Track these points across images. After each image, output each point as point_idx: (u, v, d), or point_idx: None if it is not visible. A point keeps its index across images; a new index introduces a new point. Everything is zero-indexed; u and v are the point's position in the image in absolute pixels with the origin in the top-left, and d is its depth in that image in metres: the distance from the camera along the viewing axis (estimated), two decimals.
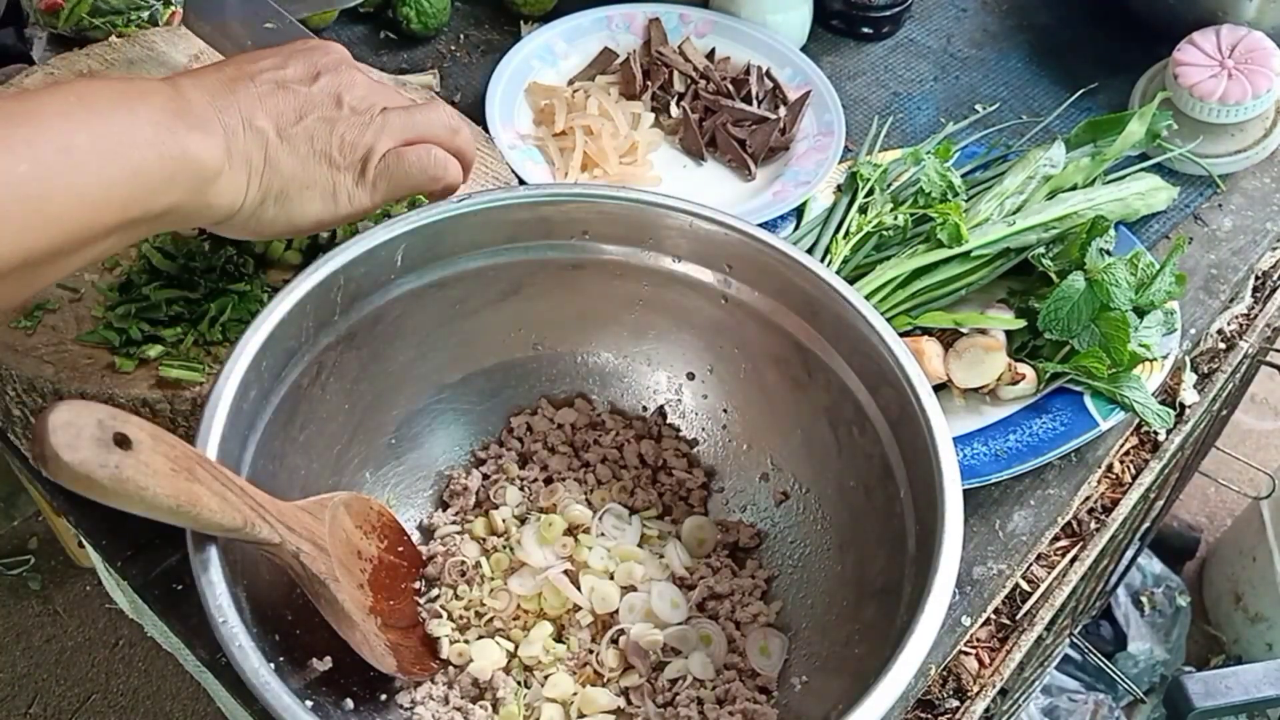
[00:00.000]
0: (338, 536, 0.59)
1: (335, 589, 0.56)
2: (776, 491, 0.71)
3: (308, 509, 0.57)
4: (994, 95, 0.99)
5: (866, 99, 0.99)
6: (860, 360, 0.64)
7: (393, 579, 0.65)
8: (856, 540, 0.66)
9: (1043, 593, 0.75)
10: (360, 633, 0.58)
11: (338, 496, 0.61)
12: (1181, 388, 0.83)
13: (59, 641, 1.76)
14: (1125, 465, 0.80)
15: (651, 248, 0.69)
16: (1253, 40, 0.90)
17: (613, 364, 0.74)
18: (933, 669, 0.70)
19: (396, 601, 0.64)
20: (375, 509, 0.65)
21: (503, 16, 1.04)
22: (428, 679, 0.64)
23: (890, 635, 0.54)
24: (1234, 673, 1.25)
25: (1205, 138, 0.90)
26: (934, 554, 0.55)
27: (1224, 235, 0.90)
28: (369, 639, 0.59)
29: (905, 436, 0.61)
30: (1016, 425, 0.75)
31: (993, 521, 0.74)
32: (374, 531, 0.64)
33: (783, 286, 0.66)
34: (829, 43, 1.03)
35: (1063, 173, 0.85)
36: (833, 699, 0.57)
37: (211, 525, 0.49)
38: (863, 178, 0.85)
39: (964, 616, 0.71)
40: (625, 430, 0.74)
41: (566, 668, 0.65)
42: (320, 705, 0.57)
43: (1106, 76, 0.98)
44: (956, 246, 0.79)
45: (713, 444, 0.74)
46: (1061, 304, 0.75)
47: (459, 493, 0.72)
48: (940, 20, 1.06)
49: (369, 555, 0.63)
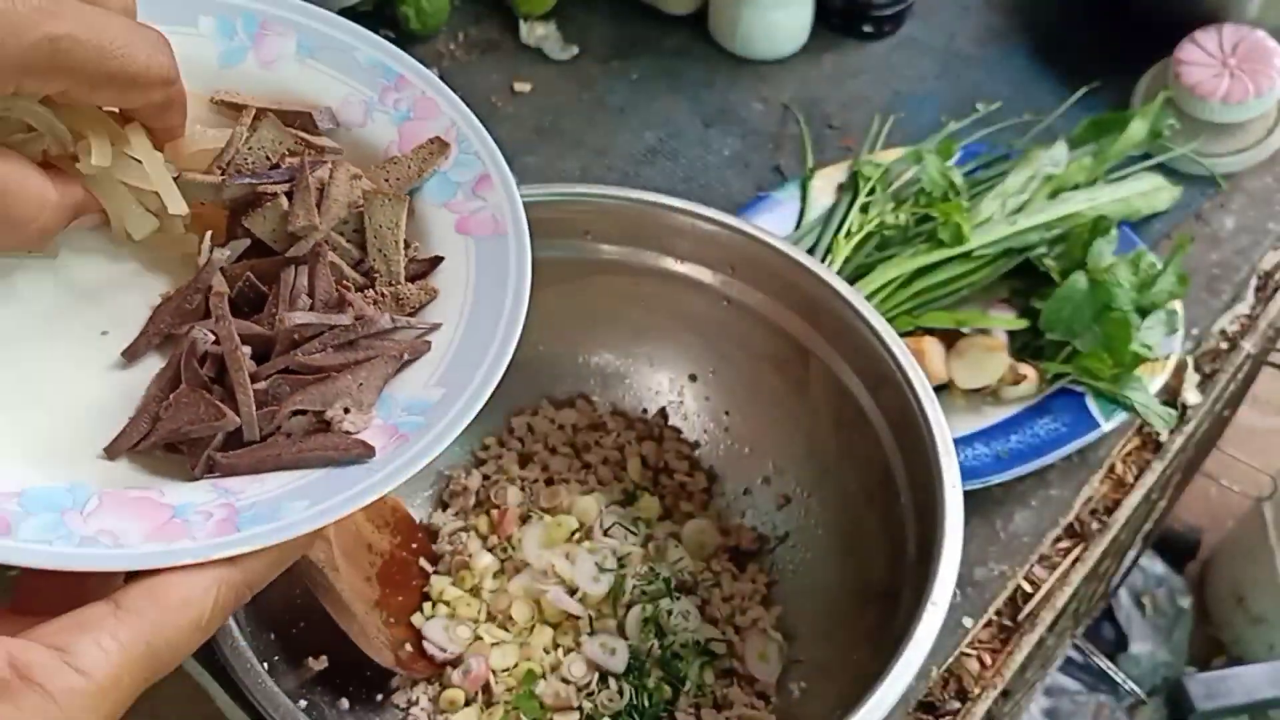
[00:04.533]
0: (345, 527, 0.59)
1: (334, 578, 0.56)
2: (778, 495, 0.71)
3: None
4: (996, 94, 0.98)
5: (868, 97, 0.99)
6: (862, 362, 0.64)
7: (404, 575, 0.65)
8: (857, 543, 0.66)
9: (1045, 594, 0.74)
10: (358, 624, 0.58)
11: None
12: (1184, 388, 0.83)
13: None
14: (1127, 466, 0.80)
15: (654, 248, 0.69)
16: (1255, 39, 0.90)
17: (614, 365, 0.74)
18: (934, 670, 0.70)
19: (405, 598, 0.64)
20: (390, 504, 0.65)
21: (503, 16, 1.04)
22: (425, 678, 0.64)
23: (890, 638, 0.54)
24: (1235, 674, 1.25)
25: (1207, 137, 0.90)
26: (934, 557, 0.55)
27: (1226, 235, 0.89)
28: (367, 631, 0.59)
29: (906, 439, 0.61)
30: (1018, 426, 0.75)
31: (994, 522, 0.74)
32: (386, 526, 0.64)
33: (784, 288, 0.66)
34: (830, 41, 1.03)
35: (1065, 172, 0.85)
36: (832, 705, 0.57)
37: None
38: (864, 177, 0.85)
39: (965, 618, 0.71)
40: (627, 431, 0.74)
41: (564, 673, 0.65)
42: (315, 705, 0.57)
43: (1109, 75, 0.98)
44: (958, 246, 0.79)
45: (714, 446, 0.74)
46: (1064, 304, 0.75)
47: (459, 493, 0.71)
48: (942, 19, 1.06)
49: (380, 549, 0.63)
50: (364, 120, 0.51)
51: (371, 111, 0.51)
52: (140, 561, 0.36)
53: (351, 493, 0.41)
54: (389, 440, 0.43)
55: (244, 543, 0.38)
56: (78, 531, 0.38)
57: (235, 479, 0.42)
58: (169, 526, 0.39)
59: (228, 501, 0.40)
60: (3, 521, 0.37)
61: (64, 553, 0.36)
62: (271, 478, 0.42)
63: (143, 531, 0.38)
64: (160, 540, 0.38)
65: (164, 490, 0.41)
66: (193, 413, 0.43)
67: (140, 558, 0.37)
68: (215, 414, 0.42)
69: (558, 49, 1.01)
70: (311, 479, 0.42)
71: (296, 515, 0.40)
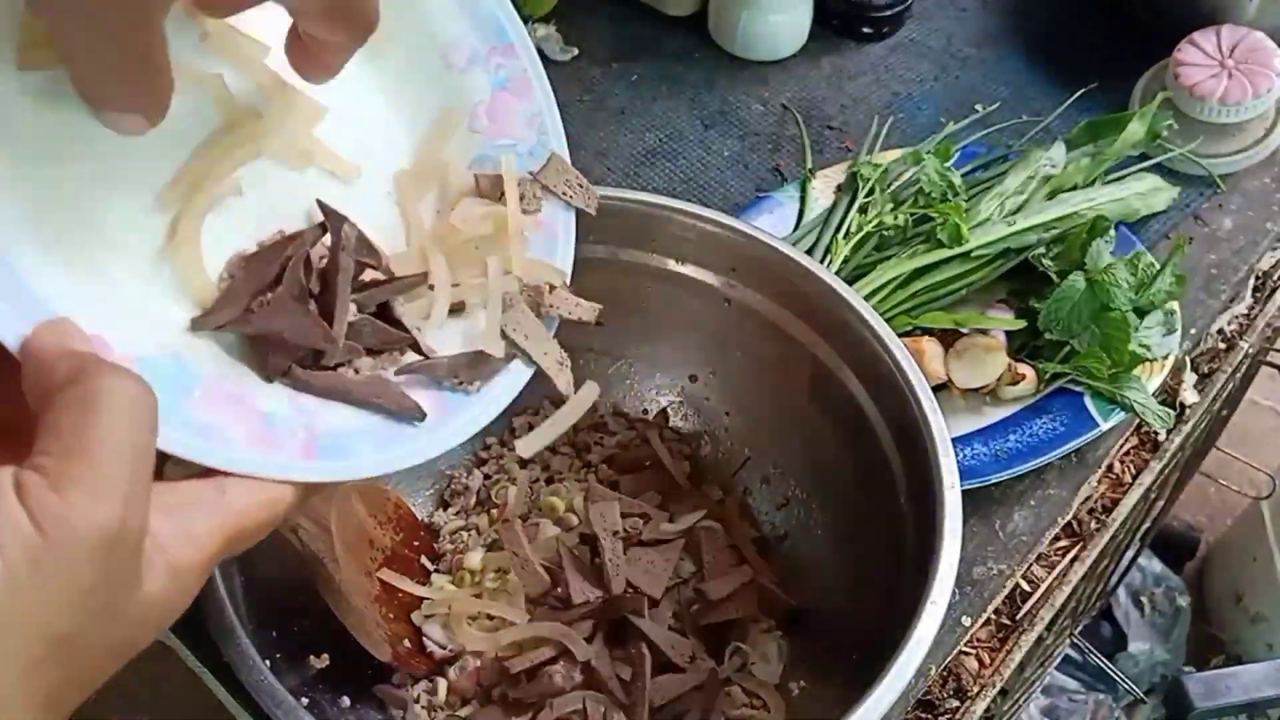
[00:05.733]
0: (347, 522, 0.59)
1: (333, 569, 0.56)
2: (778, 495, 0.71)
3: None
4: (994, 95, 0.99)
5: (867, 99, 0.99)
6: (861, 362, 0.64)
7: (406, 572, 0.65)
8: (856, 543, 0.66)
9: (1043, 593, 0.75)
10: (356, 617, 0.58)
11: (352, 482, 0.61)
12: (1182, 388, 0.83)
13: None
14: (1125, 465, 0.80)
15: (654, 250, 0.69)
16: (1253, 40, 0.90)
17: (615, 365, 0.74)
18: (933, 669, 0.70)
19: (405, 595, 0.65)
20: (392, 501, 0.65)
21: None
22: (424, 675, 0.64)
23: (889, 638, 0.54)
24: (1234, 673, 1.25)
25: (1205, 137, 0.90)
26: (933, 556, 0.55)
27: (1224, 235, 0.90)
28: (366, 625, 0.59)
29: (905, 439, 0.61)
30: (1017, 425, 0.75)
31: (993, 522, 0.74)
32: (389, 523, 0.64)
33: (784, 289, 0.67)
34: (829, 43, 1.03)
35: (1063, 173, 0.85)
36: (831, 704, 0.57)
37: None
38: (863, 178, 0.85)
39: (964, 617, 0.71)
40: (628, 432, 0.74)
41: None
42: (316, 703, 0.57)
43: (1107, 76, 0.98)
44: (957, 246, 0.79)
45: (715, 447, 0.74)
46: (1062, 304, 0.75)
47: (460, 492, 0.72)
48: (940, 20, 1.06)
49: (382, 545, 0.63)
50: (465, 66, 0.51)
51: (474, 62, 0.51)
52: (244, 466, 0.39)
53: (407, 450, 0.44)
54: (437, 408, 0.46)
55: (326, 472, 0.41)
56: (194, 420, 0.39)
57: (308, 398, 0.43)
58: (266, 436, 0.41)
59: (309, 424, 0.42)
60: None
61: (184, 440, 0.38)
62: (337, 410, 0.44)
63: (243, 436, 0.40)
64: (259, 447, 0.40)
65: (253, 392, 0.42)
66: (294, 321, 0.43)
67: (245, 463, 0.39)
68: (322, 334, 0.44)
69: (558, 50, 1.01)
70: (369, 425, 0.44)
71: (365, 458, 0.43)
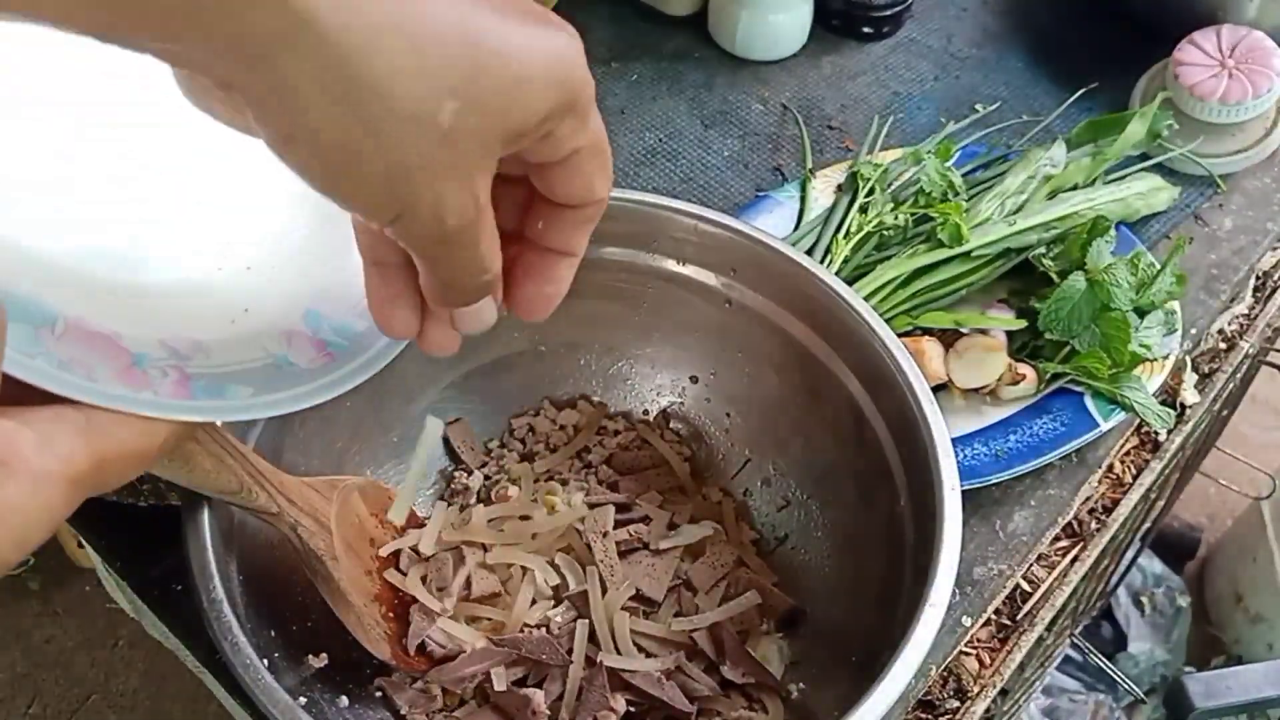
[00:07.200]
0: (347, 519, 0.59)
1: (332, 567, 0.56)
2: (778, 497, 0.71)
3: (315, 486, 0.57)
4: (994, 95, 0.99)
5: (867, 99, 0.99)
6: (861, 363, 0.64)
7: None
8: (856, 544, 0.66)
9: (1043, 593, 0.75)
10: (355, 614, 0.58)
11: (353, 480, 0.61)
12: (1182, 388, 0.83)
13: (58, 641, 1.76)
14: (1126, 465, 0.80)
15: (654, 250, 0.69)
16: (1253, 40, 0.90)
17: (615, 366, 0.74)
18: (933, 669, 0.70)
19: (405, 594, 0.64)
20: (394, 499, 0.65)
21: None
22: (423, 674, 0.64)
23: (889, 638, 0.54)
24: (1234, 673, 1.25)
25: (1206, 137, 0.90)
26: (933, 556, 0.55)
27: (1224, 235, 0.90)
28: (364, 623, 0.59)
29: (905, 439, 0.61)
30: (1017, 426, 0.75)
31: (993, 522, 0.74)
32: (389, 522, 0.64)
33: (786, 290, 0.66)
34: (829, 43, 1.03)
35: (1063, 172, 0.85)
36: (831, 704, 0.57)
37: (206, 485, 0.49)
38: (863, 177, 0.85)
39: (964, 617, 0.71)
40: (628, 432, 0.74)
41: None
42: (314, 702, 0.57)
43: (1107, 76, 0.98)
44: (957, 246, 0.79)
45: (715, 448, 0.74)
46: (1062, 304, 0.75)
47: (460, 492, 0.71)
48: (940, 20, 1.06)
49: (382, 544, 0.63)
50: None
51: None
52: (111, 401, 0.38)
53: (289, 394, 0.44)
54: (317, 354, 0.45)
55: (199, 411, 0.41)
56: (55, 354, 0.39)
57: (180, 340, 0.44)
58: (133, 374, 0.40)
59: (179, 365, 0.42)
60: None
61: (46, 371, 0.37)
62: (215, 351, 0.44)
63: (111, 372, 0.40)
64: (127, 385, 0.40)
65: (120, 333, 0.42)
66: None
67: (111, 397, 0.38)
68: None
69: None
70: (251, 368, 0.44)
71: (241, 399, 0.43)
